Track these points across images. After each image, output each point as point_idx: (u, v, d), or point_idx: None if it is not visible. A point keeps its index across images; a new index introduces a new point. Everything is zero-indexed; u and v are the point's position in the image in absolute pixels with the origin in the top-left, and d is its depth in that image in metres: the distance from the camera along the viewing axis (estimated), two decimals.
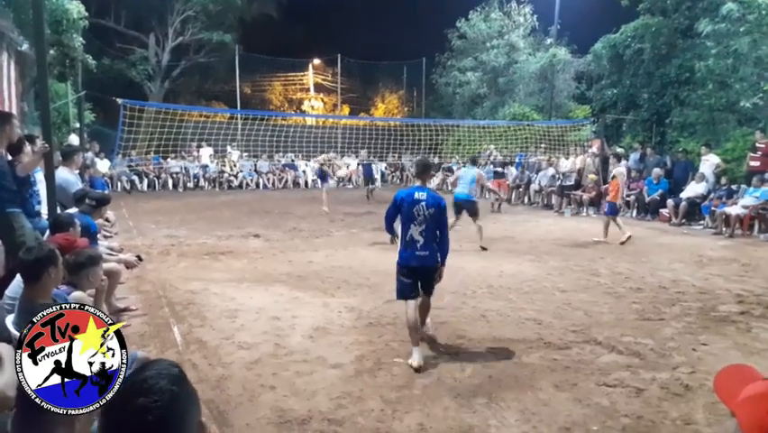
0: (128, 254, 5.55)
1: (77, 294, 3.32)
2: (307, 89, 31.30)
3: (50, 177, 5.12)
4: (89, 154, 13.41)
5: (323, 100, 31.56)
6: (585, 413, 3.32)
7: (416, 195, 4.25)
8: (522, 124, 17.80)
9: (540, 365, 4.02)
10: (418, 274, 4.28)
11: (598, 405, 3.42)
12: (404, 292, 4.27)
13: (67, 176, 6.29)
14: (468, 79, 23.24)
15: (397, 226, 4.45)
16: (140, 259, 5.29)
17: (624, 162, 10.42)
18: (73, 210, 5.32)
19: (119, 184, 17.24)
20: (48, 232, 4.62)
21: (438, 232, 4.27)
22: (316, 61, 30.27)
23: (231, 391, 3.56)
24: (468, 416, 3.27)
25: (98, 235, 5.63)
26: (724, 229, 10.45)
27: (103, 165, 15.86)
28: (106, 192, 9.01)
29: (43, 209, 5.42)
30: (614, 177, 9.75)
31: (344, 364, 4.00)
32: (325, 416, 3.25)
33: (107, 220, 7.71)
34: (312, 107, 31.24)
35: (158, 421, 1.09)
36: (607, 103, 16.75)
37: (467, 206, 8.76)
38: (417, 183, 4.45)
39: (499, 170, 16.68)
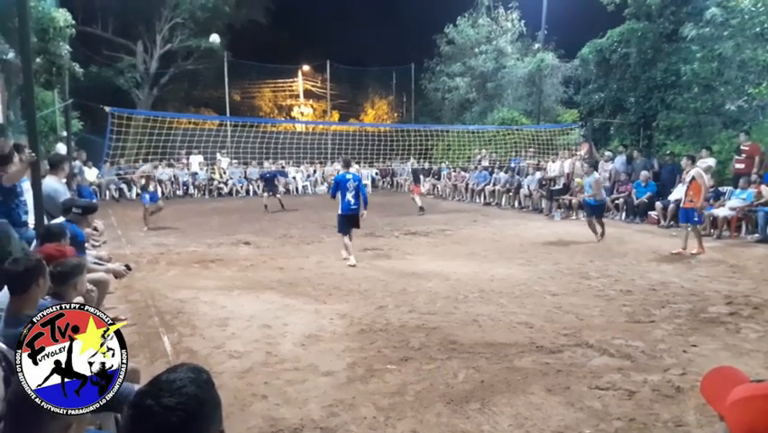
0: (116, 264, 5.49)
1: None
2: (297, 96, 31.29)
3: (36, 186, 5.06)
4: (77, 163, 13.28)
5: (312, 106, 31.57)
6: (577, 417, 3.32)
7: (347, 177, 7.88)
8: (511, 128, 17.89)
9: (532, 369, 4.02)
10: (350, 219, 7.86)
11: (590, 408, 3.42)
12: (343, 229, 7.84)
13: (54, 185, 6.22)
14: (457, 85, 23.33)
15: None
16: (128, 268, 5.23)
17: (703, 161, 9.21)
18: (60, 219, 5.26)
19: (107, 193, 17.11)
20: (35, 242, 4.56)
21: (360, 194, 7.87)
22: (306, 68, 30.27)
23: (222, 400, 3.52)
24: (461, 421, 3.26)
25: (86, 245, 5.57)
26: (712, 231, 10.54)
27: (90, 174, 15.74)
28: (94, 201, 8.92)
29: (30, 219, 5.36)
30: (693, 178, 8.53)
31: (336, 372, 3.98)
32: (318, 424, 3.23)
33: (95, 229, 7.64)
34: (302, 114, 31.24)
35: (181, 423, 1.12)
36: (594, 107, 16.89)
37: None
38: (345, 170, 8.11)
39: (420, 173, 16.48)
